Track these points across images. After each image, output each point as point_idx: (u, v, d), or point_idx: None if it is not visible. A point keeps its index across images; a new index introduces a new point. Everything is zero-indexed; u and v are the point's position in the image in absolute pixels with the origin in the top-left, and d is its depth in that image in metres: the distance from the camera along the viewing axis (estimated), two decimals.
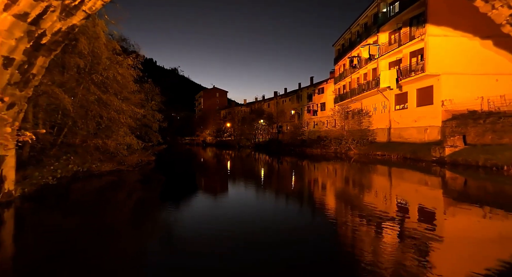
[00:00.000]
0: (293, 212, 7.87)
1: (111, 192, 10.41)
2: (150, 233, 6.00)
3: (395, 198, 9.55)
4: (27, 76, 7.46)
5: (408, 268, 4.10)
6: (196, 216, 7.31)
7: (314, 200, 9.42)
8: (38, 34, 7.03)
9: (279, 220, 6.79)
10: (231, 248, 4.95)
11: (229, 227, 6.07)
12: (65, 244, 5.29)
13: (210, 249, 4.87)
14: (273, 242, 5.26)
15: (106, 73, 11.40)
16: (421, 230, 5.76)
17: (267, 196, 10.16)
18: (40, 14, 6.64)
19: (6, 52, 6.70)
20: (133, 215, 7.69)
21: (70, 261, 4.58)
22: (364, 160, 22.45)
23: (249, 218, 6.90)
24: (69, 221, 6.92)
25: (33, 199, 8.42)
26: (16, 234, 6.18)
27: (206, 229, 5.91)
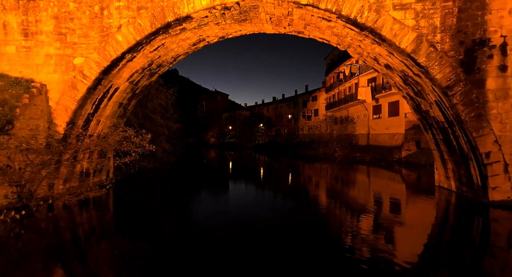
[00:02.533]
0: (283, 193, 13.31)
1: (163, 179, 15.87)
2: (195, 201, 11.44)
3: (361, 186, 15.01)
4: (126, 111, 12.88)
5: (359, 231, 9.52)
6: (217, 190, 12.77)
7: (300, 184, 14.87)
8: (135, 89, 12.45)
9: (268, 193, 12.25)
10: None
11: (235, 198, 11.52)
12: (149, 201, 10.71)
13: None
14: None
15: (153, 102, 16.79)
16: (378, 209, 11.20)
17: (263, 181, 15.60)
18: (140, 80, 12.07)
19: (120, 100, 12.11)
20: (178, 190, 13.14)
21: (154, 209, 9.99)
22: (345, 160, 27.88)
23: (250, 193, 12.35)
24: (146, 190, 12.35)
25: (124, 181, 13.83)
26: (122, 197, 11.58)
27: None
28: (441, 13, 8.76)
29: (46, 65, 9.90)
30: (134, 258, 5.82)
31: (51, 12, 9.84)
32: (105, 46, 9.90)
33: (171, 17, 9.78)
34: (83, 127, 10.85)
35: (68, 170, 10.66)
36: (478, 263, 5.84)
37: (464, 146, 9.31)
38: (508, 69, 8.47)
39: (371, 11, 9.04)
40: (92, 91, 10.28)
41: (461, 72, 8.74)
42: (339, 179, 17.57)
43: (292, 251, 6.08)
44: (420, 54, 8.93)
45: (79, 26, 9.87)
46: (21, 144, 8.58)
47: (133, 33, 9.87)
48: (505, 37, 8.43)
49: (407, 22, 8.95)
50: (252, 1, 9.70)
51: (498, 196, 8.65)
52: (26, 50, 9.88)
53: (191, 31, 11.05)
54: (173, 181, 16.21)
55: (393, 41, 9.08)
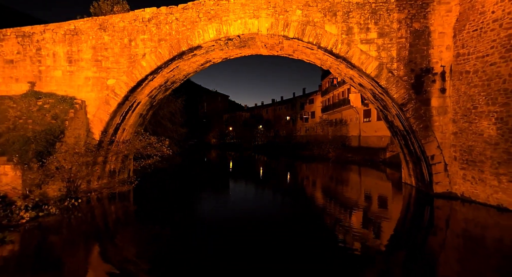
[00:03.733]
0: (279, 186, 15.81)
1: (174, 177, 18.37)
2: (202, 195, 13.94)
3: (346, 182, 17.50)
4: (144, 120, 15.38)
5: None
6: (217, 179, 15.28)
7: (295, 180, 17.35)
8: (153, 101, 14.94)
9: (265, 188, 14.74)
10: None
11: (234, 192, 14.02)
12: (163, 195, 13.20)
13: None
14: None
15: (163, 110, 19.28)
16: (357, 199, 13.69)
17: (263, 178, 18.09)
18: (157, 94, 14.57)
19: (141, 111, 14.61)
20: (188, 186, 15.64)
21: (168, 202, 12.49)
22: (338, 160, 30.38)
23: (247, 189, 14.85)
24: (160, 186, 14.84)
25: (142, 179, 16.32)
26: (141, 192, 14.05)
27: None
28: (397, 47, 11.25)
29: (85, 85, 12.39)
30: (153, 240, 7.96)
31: (89, 43, 12.33)
32: (132, 70, 12.38)
33: (185, 47, 12.26)
34: (113, 134, 13.35)
35: (100, 170, 13.16)
36: (425, 237, 8.29)
37: (418, 150, 11.80)
38: (446, 91, 10.95)
39: (343, 44, 11.53)
40: (121, 105, 12.77)
41: (412, 92, 11.22)
42: (330, 176, 20.08)
43: (282, 224, 8.60)
44: (381, 78, 11.41)
45: (111, 54, 12.36)
46: (69, 149, 11.08)
47: (155, 60, 12.35)
48: (444, 66, 10.91)
49: (371, 53, 11.42)
50: (250, 35, 12.19)
51: (440, 189, 11.14)
52: (70, 73, 12.37)
53: (200, 56, 13.55)
54: (182, 179, 18.71)
55: (361, 68, 11.56)
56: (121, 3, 19.14)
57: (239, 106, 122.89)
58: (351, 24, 11.43)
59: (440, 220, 10.07)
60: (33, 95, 11.98)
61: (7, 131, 10.52)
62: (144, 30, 12.23)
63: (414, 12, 11.10)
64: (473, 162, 9.99)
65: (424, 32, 11.07)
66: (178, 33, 12.18)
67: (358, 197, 13.36)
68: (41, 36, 12.29)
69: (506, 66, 8.68)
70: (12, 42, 12.27)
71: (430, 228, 9.23)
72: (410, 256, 6.83)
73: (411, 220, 10.09)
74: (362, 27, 11.40)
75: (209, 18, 12.01)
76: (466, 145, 10.27)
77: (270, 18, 11.76)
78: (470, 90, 10.02)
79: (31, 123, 10.97)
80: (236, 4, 11.84)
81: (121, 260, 6.38)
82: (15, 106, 11.50)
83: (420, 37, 11.10)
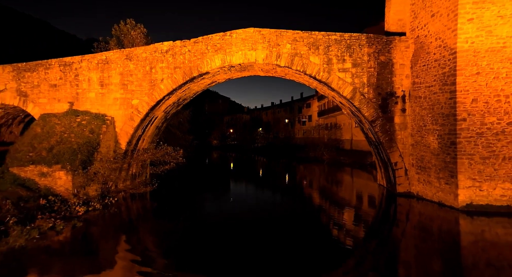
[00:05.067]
0: (277, 183, 18.56)
1: (183, 178, 21.11)
2: (210, 194, 16.69)
3: (334, 181, 20.24)
4: (159, 131, 18.13)
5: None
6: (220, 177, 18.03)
7: (292, 179, 20.09)
8: (167, 116, 17.69)
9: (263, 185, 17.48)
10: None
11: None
12: (176, 194, 15.95)
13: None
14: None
15: (173, 120, 21.99)
16: (340, 196, 16.44)
17: (263, 177, 20.82)
18: (170, 110, 17.32)
19: (157, 124, 17.36)
20: (196, 186, 18.38)
21: (180, 200, 15.24)
22: (331, 162, 33.14)
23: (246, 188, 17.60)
24: (173, 187, 17.59)
25: (157, 181, 19.06)
26: (157, 192, 16.77)
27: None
28: (367, 75, 13.97)
29: (114, 104, 15.12)
30: (170, 233, 10.42)
31: (118, 70, 15.07)
32: (153, 92, 15.11)
33: (196, 73, 14.98)
34: (135, 144, 16.09)
35: (125, 173, 15.90)
36: (390, 227, 11.03)
37: (385, 157, 14.52)
38: (406, 111, 13.68)
39: (324, 72, 14.25)
40: (142, 121, 15.50)
41: (380, 111, 13.95)
42: (322, 177, 22.83)
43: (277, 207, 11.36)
44: (355, 100, 14.13)
45: (135, 79, 15.09)
46: (103, 157, 13.81)
47: (171, 84, 15.07)
48: (404, 91, 13.64)
49: (347, 80, 14.14)
50: (249, 63, 14.92)
51: (402, 189, 13.88)
52: (102, 95, 15.10)
53: (208, 78, 16.29)
54: (190, 180, 21.44)
55: (339, 91, 14.29)
56: (138, 26, 22.07)
57: (239, 107, 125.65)
58: (331, 56, 14.16)
59: (401, 214, 12.82)
60: (73, 113, 14.72)
61: (56, 144, 13.25)
62: (163, 60, 14.96)
63: (380, 47, 13.84)
64: (424, 168, 12.72)
65: (388, 63, 13.80)
66: (190, 62, 14.90)
67: (342, 195, 16.15)
68: (79, 64, 15.03)
69: (443, 96, 11.41)
70: (55, 70, 15.01)
71: (394, 221, 12.00)
72: (380, 242, 9.52)
73: (380, 214, 12.83)
74: (339, 59, 14.13)
75: (215, 50, 14.74)
76: (419, 154, 13.01)
77: (265, 50, 14.49)
78: (421, 112, 12.76)
79: (73, 137, 13.71)
80: (237, 39, 14.56)
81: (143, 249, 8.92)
82: (60, 122, 14.24)
83: (385, 67, 13.83)
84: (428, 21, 12.24)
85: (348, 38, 14.04)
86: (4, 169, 12.22)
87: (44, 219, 9.39)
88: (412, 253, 8.64)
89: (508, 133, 10.37)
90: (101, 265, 7.26)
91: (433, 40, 11.93)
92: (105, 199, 12.87)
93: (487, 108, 10.49)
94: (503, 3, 10.10)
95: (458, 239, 9.67)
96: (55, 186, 12.14)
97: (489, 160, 10.54)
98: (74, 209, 10.92)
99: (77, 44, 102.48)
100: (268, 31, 14.43)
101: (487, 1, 10.20)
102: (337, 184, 20.31)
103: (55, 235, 8.96)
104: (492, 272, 7.15)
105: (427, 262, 7.66)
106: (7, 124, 17.30)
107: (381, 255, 8.52)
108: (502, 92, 10.37)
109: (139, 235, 10.19)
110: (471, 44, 10.50)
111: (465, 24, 10.46)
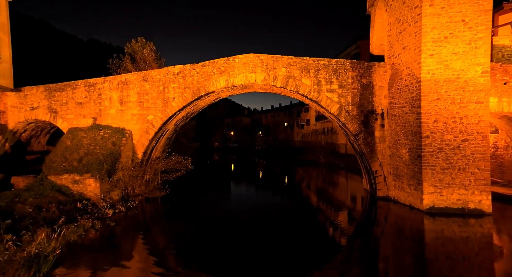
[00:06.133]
0: (275, 183, 20.81)
1: (190, 183, 23.38)
2: (215, 195, 18.94)
3: (329, 183, 22.51)
4: (170, 141, 20.39)
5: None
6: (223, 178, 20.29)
7: (290, 179, 22.35)
8: (177, 128, 19.94)
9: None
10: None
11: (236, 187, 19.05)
12: (185, 197, 18.20)
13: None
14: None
15: (180, 130, 24.32)
16: (330, 198, 18.69)
17: (263, 178, 23.07)
18: (180, 123, 19.57)
19: (168, 136, 19.61)
20: (202, 189, 20.62)
21: (189, 202, 17.49)
22: (327, 165, 35.42)
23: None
24: (181, 191, 19.84)
25: (167, 185, 21.28)
26: (168, 195, 19.00)
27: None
28: (351, 95, 16.19)
29: (132, 120, 17.37)
30: (180, 232, 12.76)
31: (135, 90, 17.31)
32: (165, 109, 17.35)
33: (203, 92, 17.21)
34: (149, 154, 18.34)
35: (140, 180, 18.14)
36: (371, 227, 13.27)
37: (368, 166, 16.75)
38: (385, 126, 15.91)
39: (314, 92, 16.48)
40: (156, 133, 17.74)
41: (362, 126, 16.17)
42: (317, 179, 25.08)
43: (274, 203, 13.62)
44: (341, 116, 16.36)
45: (150, 97, 17.33)
46: (123, 166, 16.05)
47: (181, 101, 17.31)
48: (383, 109, 15.86)
49: (334, 99, 16.36)
50: (249, 84, 17.15)
51: (381, 194, 16.10)
52: (121, 111, 17.35)
53: (213, 96, 18.53)
54: (197, 183, 23.66)
55: (327, 109, 16.52)
56: (148, 43, 24.37)
57: (239, 108, 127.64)
58: (320, 78, 16.39)
59: (380, 215, 15.04)
60: (96, 127, 16.96)
61: (84, 155, 15.49)
62: (174, 81, 17.20)
63: (362, 71, 16.07)
64: (398, 176, 14.96)
65: (369, 85, 16.03)
66: (198, 83, 17.14)
67: (334, 197, 18.39)
68: (102, 85, 17.28)
69: (412, 116, 13.64)
70: (81, 89, 17.27)
71: (375, 221, 14.23)
72: (363, 239, 11.73)
73: (365, 215, 15.07)
74: (328, 81, 16.36)
75: (220, 72, 16.98)
76: (395, 164, 15.24)
77: (263, 73, 16.72)
78: (396, 128, 14.99)
79: (98, 149, 15.95)
80: (239, 63, 16.80)
81: (158, 245, 11.29)
82: (86, 136, 16.48)
83: (367, 88, 16.07)
84: (400, 52, 14.48)
85: (335, 63, 16.28)
86: (43, 177, 14.47)
87: (84, 219, 11.64)
88: (389, 247, 10.90)
89: (463, 148, 12.60)
90: (131, 256, 9.52)
91: (404, 68, 14.17)
92: (127, 202, 15.13)
93: (446, 128, 12.72)
94: (456, 43, 12.34)
95: (423, 236, 11.91)
96: (85, 192, 14.39)
97: (447, 171, 12.77)
98: (104, 211, 13.17)
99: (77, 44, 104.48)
100: (265, 57, 16.67)
101: (444, 41, 12.43)
102: (330, 187, 22.58)
103: (95, 232, 11.21)
104: (449, 263, 9.31)
105: (400, 256, 9.93)
106: (36, 136, 19.55)
107: (364, 249, 10.73)
108: (457, 114, 12.60)
109: (155, 234, 12.47)
110: (432, 75, 12.73)
111: (427, 58, 12.69)
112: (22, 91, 17.30)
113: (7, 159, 17.07)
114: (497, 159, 17.74)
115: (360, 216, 15.07)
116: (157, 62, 24.72)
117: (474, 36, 12.19)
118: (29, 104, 17.34)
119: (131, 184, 16.58)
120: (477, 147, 12.47)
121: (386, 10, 15.79)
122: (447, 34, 12.40)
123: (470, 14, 12.11)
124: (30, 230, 9.37)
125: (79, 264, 8.56)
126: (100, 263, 8.78)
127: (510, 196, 14.93)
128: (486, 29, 12.07)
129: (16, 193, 12.69)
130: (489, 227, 12.15)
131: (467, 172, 12.59)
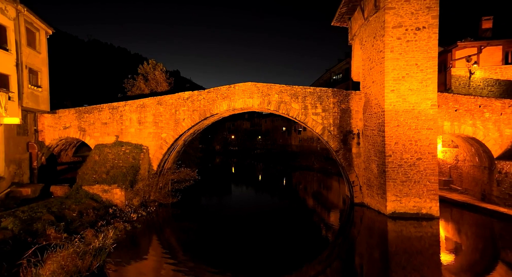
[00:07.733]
0: (273, 186, 24.01)
1: (196, 188, 26.59)
2: (219, 198, 22.15)
3: (318, 186, 25.70)
4: (179, 154, 23.59)
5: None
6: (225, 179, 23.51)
7: (286, 182, 25.54)
8: (185, 143, 23.13)
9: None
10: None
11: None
12: (192, 200, 21.41)
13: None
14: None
15: None
16: (315, 201, 21.90)
17: (259, 181, 26.26)
18: (188, 138, 22.77)
19: (178, 149, 22.80)
20: (207, 193, 23.81)
21: (195, 204, 20.70)
22: (321, 170, 38.62)
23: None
24: (188, 196, 23.05)
25: (176, 192, 24.46)
26: (177, 200, 22.21)
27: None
28: (333, 117, 19.36)
29: (148, 137, 20.56)
30: (188, 231, 16.15)
31: (151, 112, 20.51)
32: (176, 128, 20.54)
33: (208, 114, 20.40)
34: (162, 166, 21.53)
35: (155, 188, 21.34)
36: (349, 228, 16.49)
37: (347, 177, 19.91)
38: (360, 144, 19.08)
39: (302, 115, 19.65)
40: (169, 149, 20.93)
41: (342, 144, 19.34)
42: (309, 183, 28.27)
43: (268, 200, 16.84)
44: (324, 135, 19.53)
45: (164, 118, 20.53)
46: (142, 177, 19.24)
47: (190, 122, 20.49)
48: (359, 130, 19.04)
49: (318, 121, 19.53)
50: (248, 107, 20.34)
51: (357, 201, 19.29)
52: (139, 130, 20.55)
53: (216, 116, 21.73)
54: (202, 189, 26.82)
55: (313, 129, 19.69)
56: (158, 65, 27.66)
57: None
58: (307, 103, 19.57)
59: (356, 218, 18.24)
60: (119, 144, 20.16)
61: (110, 168, 18.69)
62: (184, 104, 20.40)
63: (342, 98, 19.25)
64: (370, 186, 18.13)
65: (347, 110, 19.21)
66: (204, 106, 20.33)
67: (321, 201, 21.58)
68: (123, 108, 20.49)
69: (379, 138, 16.81)
70: (106, 111, 20.48)
71: (352, 222, 17.41)
72: (343, 237, 14.93)
73: (344, 217, 18.29)
74: (313, 105, 19.54)
75: (223, 98, 20.16)
76: (368, 176, 18.40)
77: (259, 98, 19.91)
78: (368, 146, 18.16)
79: (121, 163, 19.15)
80: (239, 90, 19.99)
81: (173, 243, 14.47)
82: (110, 151, 19.69)
83: (345, 112, 19.25)
84: (371, 85, 17.67)
85: (319, 91, 19.47)
86: (78, 187, 17.67)
87: (117, 222, 14.83)
88: (363, 244, 14.22)
89: (417, 165, 15.77)
90: (155, 250, 12.73)
91: (373, 98, 17.35)
92: (147, 208, 18.33)
93: (404, 148, 15.89)
94: (412, 82, 15.52)
95: (387, 235, 15.09)
96: (113, 199, 17.58)
97: (406, 183, 15.94)
98: (130, 216, 16.37)
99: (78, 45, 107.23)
100: (261, 85, 19.87)
101: (402, 79, 15.61)
102: (320, 192, 25.77)
103: (125, 233, 14.39)
104: (407, 256, 12.41)
105: (370, 250, 13.17)
106: (65, 149, 22.77)
107: (343, 246, 13.96)
108: (413, 138, 15.78)
109: (170, 233, 15.72)
110: (393, 106, 15.91)
111: (389, 93, 15.87)
112: (56, 113, 20.53)
113: (43, 170, 20.26)
114: (458, 169, 20.90)
115: (339, 218, 18.27)
116: (166, 81, 27.93)
117: (425, 77, 15.38)
118: (63, 124, 20.56)
119: (147, 192, 19.77)
120: (428, 164, 15.65)
121: (361, 48, 18.99)
122: (404, 74, 15.58)
123: (421, 60, 15.30)
124: (79, 231, 12.57)
125: (120, 256, 11.75)
126: (135, 256, 11.98)
127: (461, 202, 18.10)
128: (433, 72, 15.25)
129: (60, 201, 15.88)
130: (437, 228, 15.34)
131: (420, 184, 15.76)
